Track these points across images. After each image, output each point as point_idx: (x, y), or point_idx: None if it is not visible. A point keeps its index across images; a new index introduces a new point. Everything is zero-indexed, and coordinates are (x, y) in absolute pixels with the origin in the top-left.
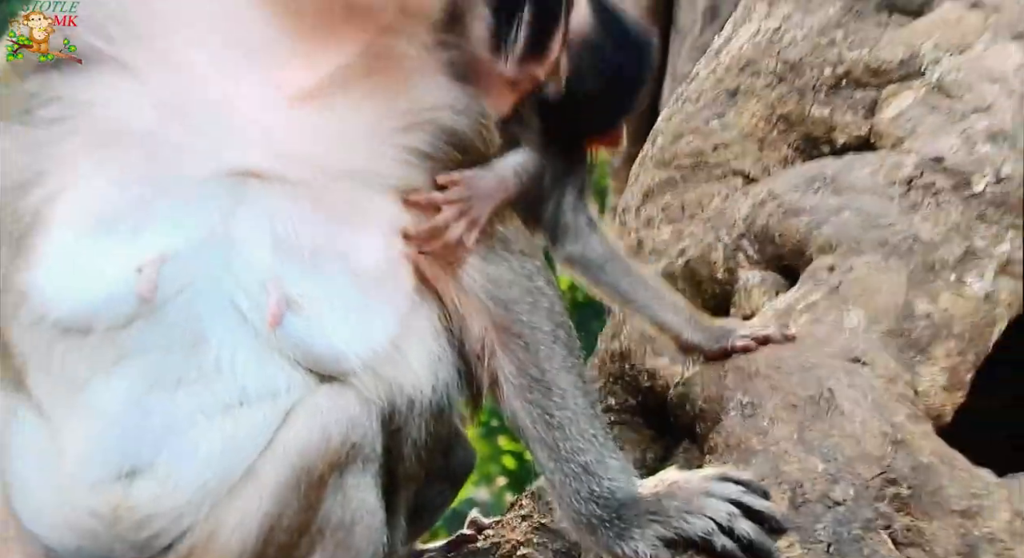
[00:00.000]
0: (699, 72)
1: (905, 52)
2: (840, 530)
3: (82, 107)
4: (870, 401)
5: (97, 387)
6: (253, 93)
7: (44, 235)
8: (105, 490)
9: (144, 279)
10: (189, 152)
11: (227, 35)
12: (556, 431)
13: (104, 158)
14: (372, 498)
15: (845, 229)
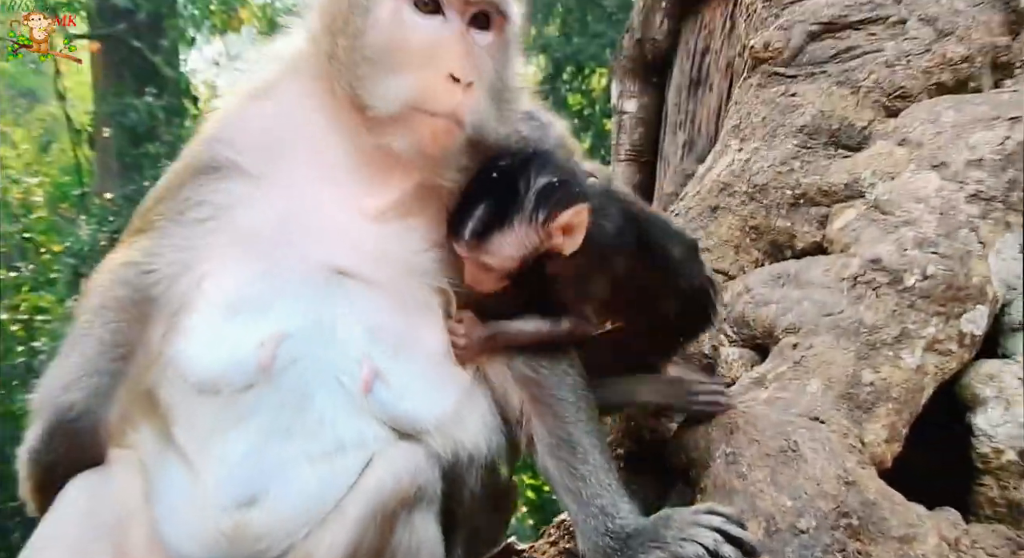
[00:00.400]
0: (687, 193)
1: (849, 178)
2: (804, 553)
3: (222, 211)
4: (827, 451)
5: (225, 436)
6: (343, 212)
7: (189, 314)
8: (230, 514)
9: (265, 352)
10: (300, 252)
11: (323, 165)
12: (580, 481)
13: (237, 254)
14: (433, 531)
15: (805, 316)
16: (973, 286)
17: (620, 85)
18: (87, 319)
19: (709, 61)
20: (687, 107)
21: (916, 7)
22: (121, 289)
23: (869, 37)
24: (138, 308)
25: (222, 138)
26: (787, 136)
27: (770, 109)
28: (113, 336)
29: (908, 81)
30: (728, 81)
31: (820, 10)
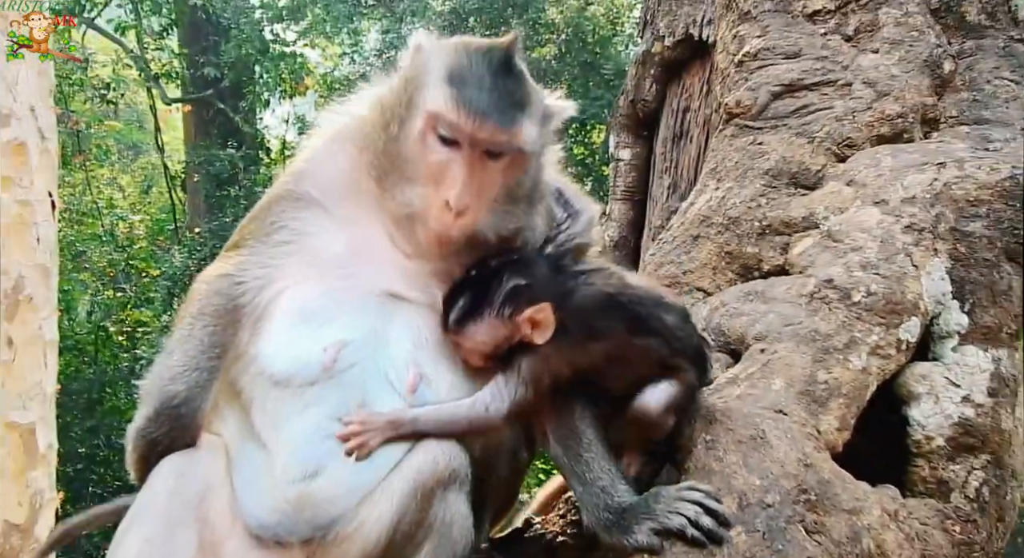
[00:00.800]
0: (673, 224)
1: (806, 212)
2: (771, 523)
3: (300, 236)
4: (789, 438)
5: (293, 421)
6: (394, 249)
7: (269, 320)
8: (295, 486)
9: (328, 355)
10: (360, 277)
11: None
12: (583, 465)
13: (310, 273)
14: (464, 507)
15: (771, 326)
16: (908, 301)
17: (616, 137)
18: (189, 322)
19: (689, 118)
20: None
21: (860, 72)
22: (217, 298)
23: (822, 96)
24: (230, 314)
25: (306, 174)
26: (755, 177)
27: (741, 155)
28: (210, 338)
29: (854, 133)
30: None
31: (782, 74)
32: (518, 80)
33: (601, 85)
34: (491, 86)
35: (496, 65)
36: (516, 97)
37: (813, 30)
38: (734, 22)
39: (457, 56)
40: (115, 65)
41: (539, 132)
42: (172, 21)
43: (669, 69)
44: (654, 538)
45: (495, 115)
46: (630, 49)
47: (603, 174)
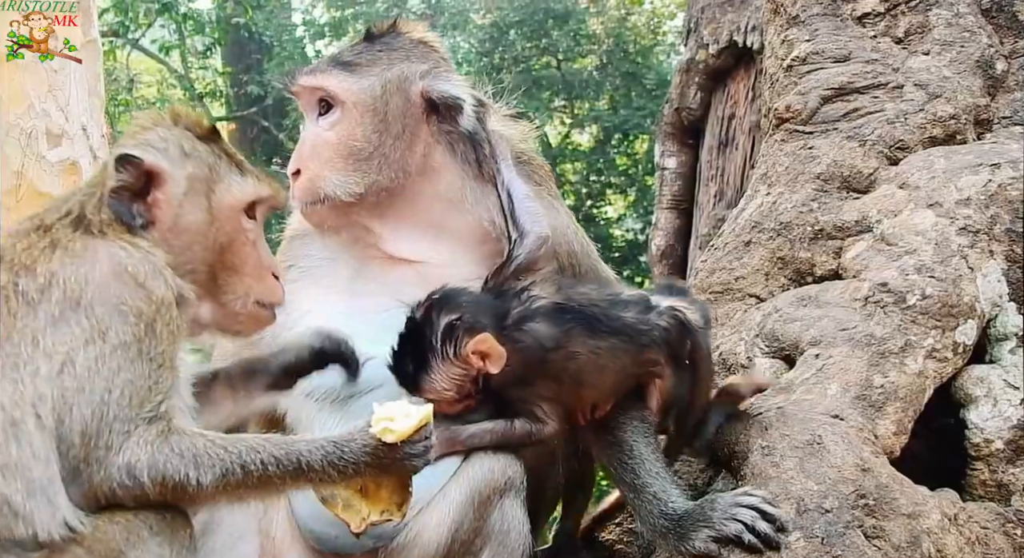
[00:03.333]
0: (724, 231)
1: (859, 216)
2: (829, 528)
3: (309, 269)
4: (846, 443)
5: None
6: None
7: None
8: None
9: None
10: (370, 299)
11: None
12: (630, 473)
13: (322, 303)
14: (521, 514)
15: (825, 330)
16: (964, 304)
17: (661, 146)
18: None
19: (735, 125)
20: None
21: (911, 75)
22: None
23: (873, 99)
24: (255, 345)
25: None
26: (806, 182)
27: (792, 160)
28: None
29: (906, 135)
30: (751, 141)
31: (832, 78)
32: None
33: (643, 95)
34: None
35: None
36: (336, 56)
37: (863, 33)
38: (782, 27)
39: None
40: (160, 85)
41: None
42: (215, 40)
43: (713, 76)
44: (712, 545)
45: (303, 69)
46: (672, 58)
47: (646, 184)
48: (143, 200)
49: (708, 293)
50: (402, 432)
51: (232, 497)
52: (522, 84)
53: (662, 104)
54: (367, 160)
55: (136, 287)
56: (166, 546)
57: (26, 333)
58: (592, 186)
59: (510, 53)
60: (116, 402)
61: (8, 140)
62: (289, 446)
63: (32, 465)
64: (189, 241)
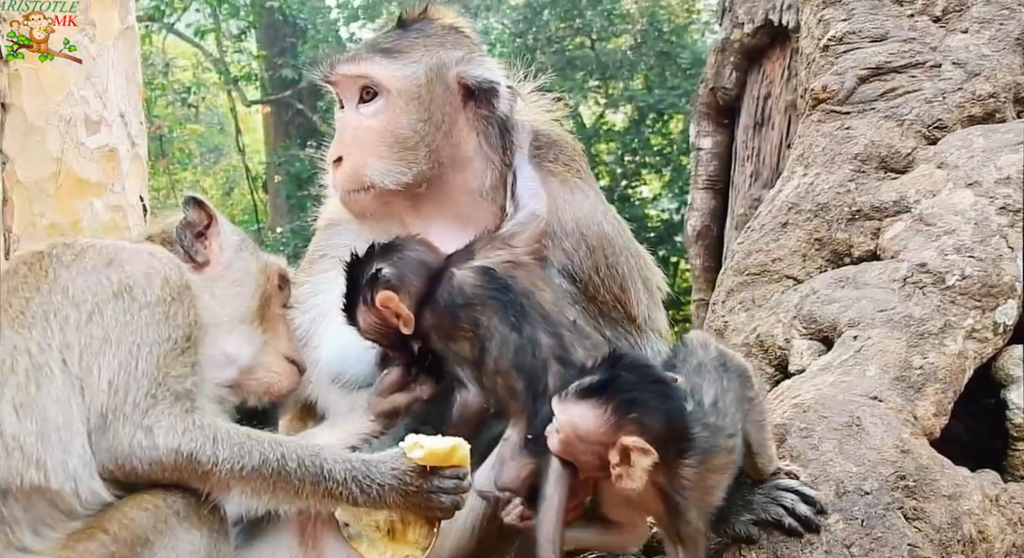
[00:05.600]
0: (761, 212)
1: (896, 196)
2: (869, 510)
3: (337, 259)
4: (885, 425)
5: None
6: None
7: (324, 331)
8: None
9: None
10: None
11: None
12: None
13: None
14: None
15: (863, 312)
16: (1004, 284)
17: (697, 126)
18: None
19: (771, 104)
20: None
21: (949, 53)
22: None
23: (910, 79)
24: None
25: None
26: (844, 162)
27: (829, 140)
28: None
29: (944, 114)
30: (787, 121)
31: (869, 58)
32: (398, 32)
33: (678, 74)
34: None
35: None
36: (375, 43)
37: (900, 12)
38: (818, 6)
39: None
40: (195, 69)
41: (411, 75)
42: (250, 24)
43: (749, 56)
44: (752, 528)
45: (341, 56)
46: (706, 37)
47: (681, 164)
48: (203, 241)
49: (745, 275)
50: (432, 450)
51: (246, 486)
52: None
53: (697, 84)
54: (413, 149)
55: (167, 261)
56: (195, 532)
57: (58, 284)
58: (627, 166)
59: (543, 33)
60: (144, 359)
61: (48, 127)
62: (315, 450)
63: (49, 406)
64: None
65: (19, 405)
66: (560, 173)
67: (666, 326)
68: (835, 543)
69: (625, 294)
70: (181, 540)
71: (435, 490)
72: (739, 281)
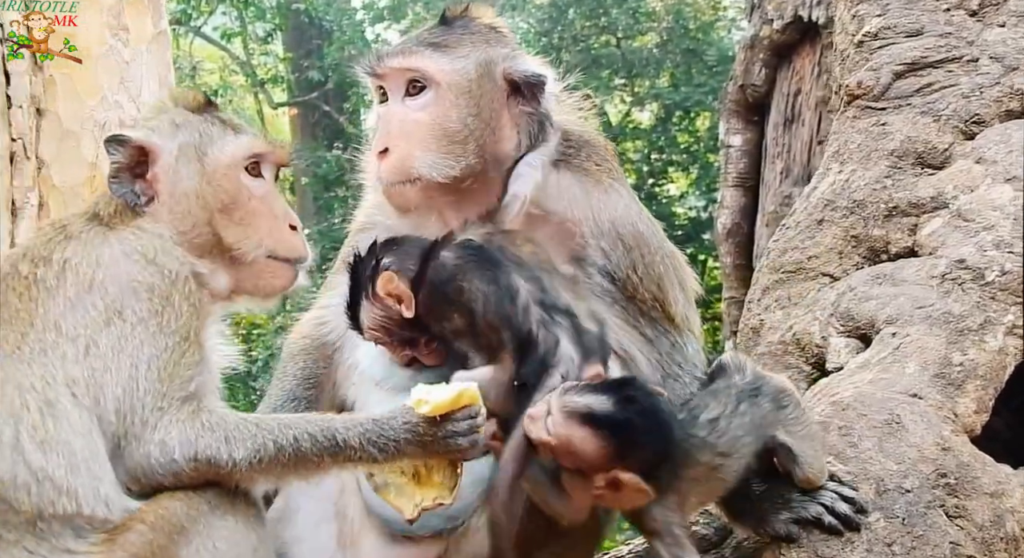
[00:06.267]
0: (796, 209)
1: (934, 192)
2: (910, 509)
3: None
4: (925, 422)
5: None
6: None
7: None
8: None
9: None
10: None
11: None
12: None
13: None
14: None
15: (901, 309)
16: None
17: (726, 123)
18: (283, 364)
19: (801, 101)
20: (783, 140)
21: (986, 47)
22: (305, 340)
23: (947, 74)
24: (318, 350)
25: (378, 204)
26: (880, 159)
27: (864, 137)
28: (303, 371)
29: (982, 109)
30: (817, 117)
31: (904, 53)
32: (442, 28)
33: (704, 71)
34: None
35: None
36: (422, 38)
37: (935, 6)
38: (852, 2)
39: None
40: (222, 72)
41: (461, 69)
42: (276, 26)
43: (778, 52)
44: (792, 527)
45: (388, 49)
46: (732, 34)
47: (708, 161)
48: (143, 179)
49: (781, 272)
50: (437, 403)
51: (269, 474)
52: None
53: (725, 81)
54: (462, 143)
55: (147, 264)
56: (229, 519)
57: (48, 319)
58: (653, 164)
59: (569, 32)
60: (144, 377)
61: (82, 132)
62: (325, 423)
63: (72, 440)
64: (188, 206)
65: (41, 441)
66: (594, 173)
67: (700, 326)
68: (876, 541)
69: (663, 293)
70: (216, 527)
71: (450, 435)
72: (775, 279)
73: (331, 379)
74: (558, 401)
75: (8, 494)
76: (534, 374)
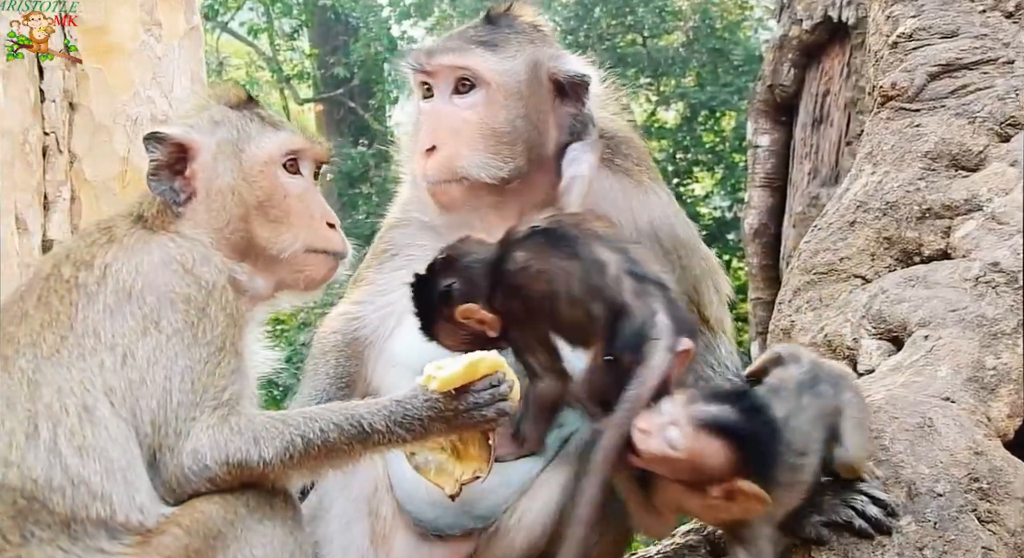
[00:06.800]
0: (828, 210)
1: (968, 195)
2: (942, 513)
3: (412, 260)
4: (958, 426)
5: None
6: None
7: (395, 338)
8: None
9: None
10: None
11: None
12: None
13: None
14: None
15: (934, 311)
16: None
17: (754, 124)
18: (314, 361)
19: (829, 101)
20: (811, 141)
21: (1022, 49)
22: (336, 336)
23: (982, 75)
24: (350, 347)
25: (413, 201)
26: (913, 161)
27: (898, 138)
28: (335, 370)
29: (1017, 111)
30: (846, 118)
31: (939, 54)
32: (489, 26)
33: (730, 71)
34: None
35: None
36: (471, 36)
37: (971, 7)
38: (887, 2)
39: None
40: (248, 68)
41: (511, 70)
42: (302, 22)
43: (807, 53)
44: (822, 530)
45: (438, 46)
46: (759, 33)
47: (734, 161)
48: (182, 176)
49: (812, 274)
50: (445, 378)
51: (304, 469)
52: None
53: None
54: (510, 144)
55: (184, 274)
56: (267, 523)
57: (88, 325)
58: (679, 164)
59: (595, 30)
60: (178, 389)
61: (114, 127)
62: (350, 411)
63: (110, 448)
64: (224, 202)
65: (78, 447)
66: (635, 173)
67: (731, 327)
68: (907, 545)
69: (699, 295)
70: (253, 531)
71: (472, 407)
72: (806, 280)
73: (363, 375)
74: (685, 412)
75: (43, 494)
76: (630, 347)
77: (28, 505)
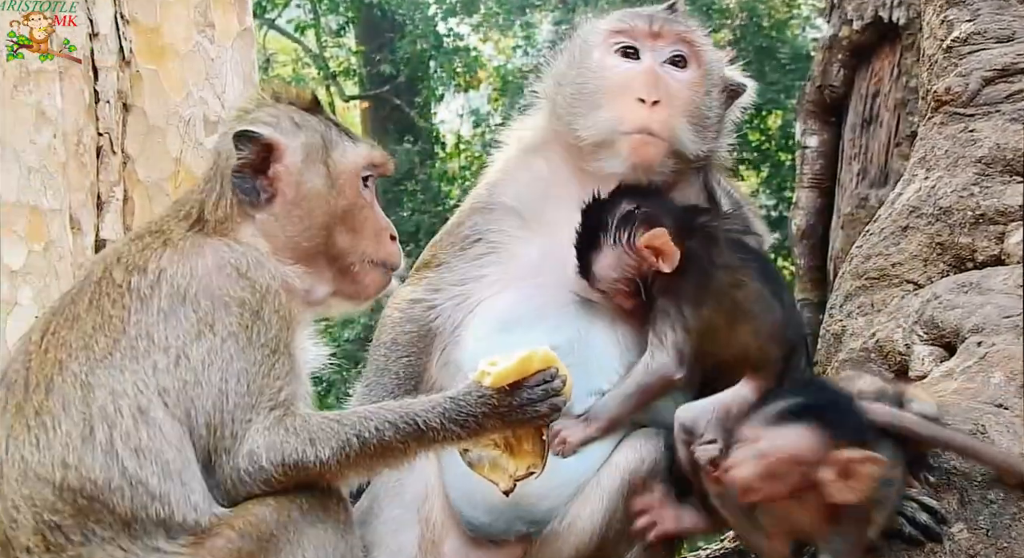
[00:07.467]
0: (880, 215)
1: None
2: (995, 520)
3: (497, 245)
4: (1011, 433)
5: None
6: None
7: (468, 330)
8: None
9: None
10: (556, 285)
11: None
12: None
13: (507, 283)
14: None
15: (988, 318)
16: None
17: (803, 124)
18: (384, 353)
19: (879, 102)
20: (860, 142)
21: None
22: (410, 325)
23: None
24: (423, 341)
25: (499, 184)
26: (967, 166)
27: (951, 143)
28: (406, 370)
29: None
30: (896, 119)
31: (994, 59)
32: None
33: (777, 69)
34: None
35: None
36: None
37: None
38: (941, 6)
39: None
40: (295, 64)
41: (717, 59)
42: (349, 19)
43: (857, 53)
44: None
45: (666, 13)
46: (807, 31)
47: (780, 160)
48: (265, 176)
49: (864, 279)
50: (498, 373)
51: (359, 468)
52: None
53: (803, 81)
54: (706, 128)
55: (239, 278)
56: (319, 526)
57: (141, 328)
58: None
59: None
60: (234, 391)
61: (167, 128)
62: (404, 409)
63: (165, 450)
64: (311, 208)
65: (135, 449)
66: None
67: None
68: (959, 553)
69: None
70: (306, 534)
71: (526, 402)
72: (857, 285)
73: (429, 372)
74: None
75: (103, 495)
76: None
77: (89, 505)
